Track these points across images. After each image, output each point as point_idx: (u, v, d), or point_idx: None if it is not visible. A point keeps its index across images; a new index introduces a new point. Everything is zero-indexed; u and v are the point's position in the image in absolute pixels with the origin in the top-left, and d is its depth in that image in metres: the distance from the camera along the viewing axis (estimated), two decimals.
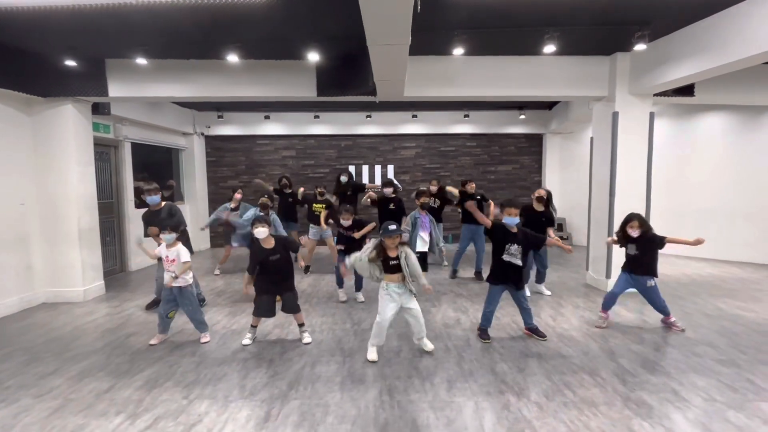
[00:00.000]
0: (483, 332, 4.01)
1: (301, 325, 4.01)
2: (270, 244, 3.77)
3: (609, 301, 4.28)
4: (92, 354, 3.77)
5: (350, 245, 5.09)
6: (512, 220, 3.82)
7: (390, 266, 3.47)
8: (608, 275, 5.59)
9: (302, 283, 6.17)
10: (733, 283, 6.02)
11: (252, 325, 3.99)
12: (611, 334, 4.13)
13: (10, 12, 3.76)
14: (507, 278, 3.89)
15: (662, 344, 3.87)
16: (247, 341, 3.92)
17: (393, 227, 3.43)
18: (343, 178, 7.25)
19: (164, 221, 4.73)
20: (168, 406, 2.89)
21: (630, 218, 4.16)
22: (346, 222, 5.03)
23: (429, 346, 3.69)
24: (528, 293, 5.24)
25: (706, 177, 7.67)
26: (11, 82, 4.80)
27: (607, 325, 4.28)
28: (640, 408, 2.81)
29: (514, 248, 3.83)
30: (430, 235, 6.02)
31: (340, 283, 5.34)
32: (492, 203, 6.41)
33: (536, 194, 5.27)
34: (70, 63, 5.03)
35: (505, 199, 3.96)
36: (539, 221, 4.98)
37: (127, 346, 3.95)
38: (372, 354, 3.54)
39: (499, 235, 3.87)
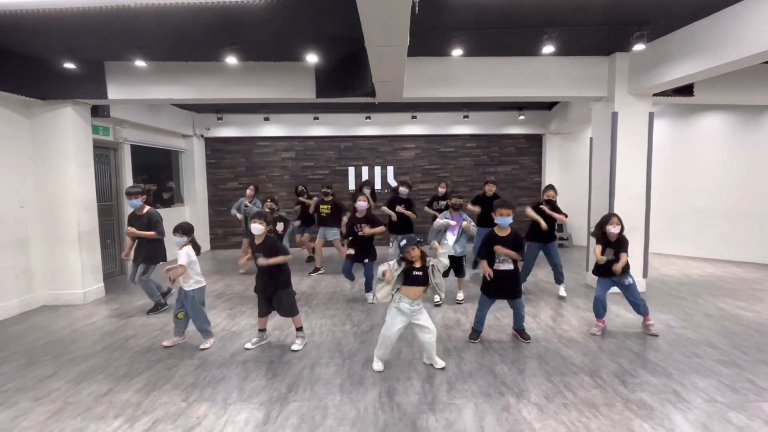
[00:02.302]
0: (473, 332, 4.00)
1: (298, 329, 3.90)
2: (259, 240, 3.71)
3: (599, 309, 4.11)
4: (91, 357, 3.76)
5: (361, 248, 5.11)
6: (505, 220, 3.77)
7: (412, 277, 3.24)
8: None
9: (302, 284, 6.16)
10: (734, 283, 6.00)
11: (259, 329, 3.93)
12: (611, 334, 4.12)
13: (8, 15, 3.75)
14: (500, 289, 3.85)
15: (662, 345, 3.85)
16: (249, 345, 3.86)
17: (404, 242, 3.26)
18: (366, 191, 7.04)
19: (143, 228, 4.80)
20: (167, 408, 2.88)
21: (610, 216, 4.01)
22: (361, 205, 5.12)
23: (439, 363, 3.41)
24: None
25: (705, 177, 7.66)
26: (10, 85, 4.79)
27: (602, 333, 4.12)
28: (640, 409, 2.80)
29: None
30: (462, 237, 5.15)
31: (350, 277, 5.32)
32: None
33: (546, 196, 5.37)
34: (70, 66, 5.05)
35: (499, 200, 3.92)
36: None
37: (126, 348, 3.94)
38: (377, 365, 3.40)
39: (491, 244, 3.81)
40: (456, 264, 4.96)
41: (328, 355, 3.71)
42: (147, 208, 4.91)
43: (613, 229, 3.94)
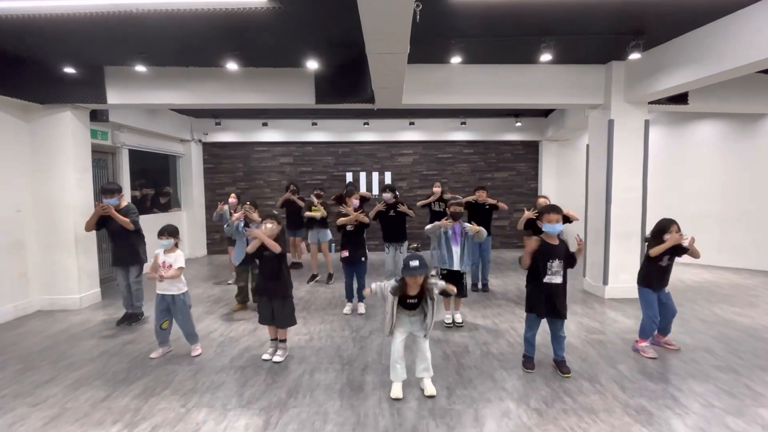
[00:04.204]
0: (525, 360, 3.55)
1: (282, 340, 3.78)
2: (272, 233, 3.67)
3: (652, 328, 3.79)
4: (89, 362, 3.74)
5: (354, 249, 4.99)
6: (554, 228, 3.30)
7: (407, 304, 3.05)
8: (605, 281, 5.62)
9: (300, 289, 6.15)
10: (729, 289, 6.06)
11: (271, 339, 3.81)
12: (609, 340, 4.14)
13: (9, 19, 3.77)
14: (548, 305, 3.35)
15: (660, 350, 3.87)
16: (266, 356, 3.74)
17: (415, 264, 2.90)
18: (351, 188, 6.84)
19: (119, 229, 4.51)
20: (166, 414, 2.86)
21: (669, 223, 3.66)
22: (354, 203, 5.09)
23: (429, 389, 3.06)
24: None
25: (700, 183, 7.74)
26: (10, 89, 4.79)
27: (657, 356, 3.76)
28: (639, 414, 2.81)
29: (556, 264, 3.30)
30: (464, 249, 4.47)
31: (349, 296, 5.13)
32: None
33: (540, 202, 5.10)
34: (69, 70, 5.05)
35: (546, 205, 3.56)
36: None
37: (123, 354, 3.91)
38: (395, 390, 3.05)
39: (541, 253, 3.34)
40: (456, 281, 4.29)
41: (327, 361, 3.70)
42: (124, 204, 4.64)
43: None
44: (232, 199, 6.65)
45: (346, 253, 5.01)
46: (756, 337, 4.19)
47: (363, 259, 5.10)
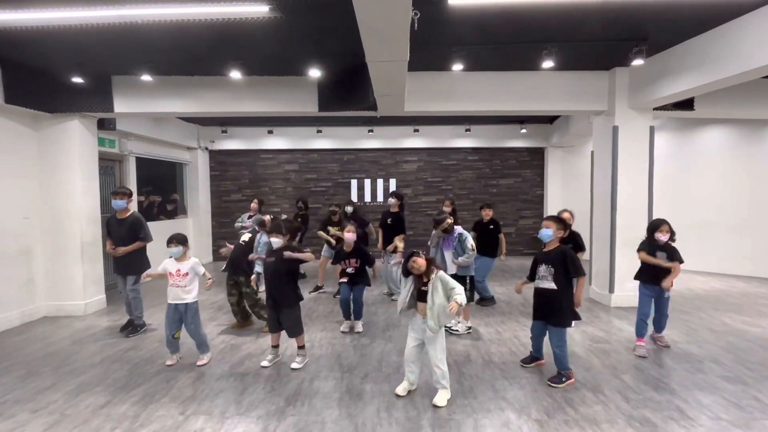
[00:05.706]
0: (528, 355, 3.75)
1: (300, 347, 3.79)
2: (277, 247, 3.69)
3: (644, 327, 3.92)
4: (90, 368, 3.75)
5: (354, 275, 4.71)
6: (543, 232, 3.43)
7: (420, 292, 3.06)
8: (611, 289, 5.54)
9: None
10: (739, 298, 5.94)
11: (272, 346, 3.84)
12: (614, 349, 4.07)
13: (19, 30, 3.85)
14: (540, 309, 3.45)
15: (666, 360, 3.80)
16: (265, 363, 3.74)
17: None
18: (349, 209, 6.36)
19: (123, 239, 4.55)
20: (164, 421, 2.86)
21: (660, 222, 3.91)
22: (349, 237, 4.62)
23: (438, 399, 3.05)
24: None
25: (708, 190, 7.64)
26: (20, 99, 4.88)
27: (647, 355, 3.89)
28: (643, 426, 2.75)
29: (543, 269, 3.37)
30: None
31: (346, 315, 4.86)
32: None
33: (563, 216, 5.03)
34: (78, 80, 5.14)
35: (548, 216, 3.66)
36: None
37: (125, 360, 3.93)
38: (399, 387, 3.22)
39: (534, 259, 3.55)
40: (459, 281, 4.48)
41: (327, 369, 3.68)
42: (130, 211, 4.69)
43: (662, 237, 3.84)
44: (254, 205, 6.75)
45: (345, 279, 4.74)
46: (766, 347, 4.10)
47: (364, 284, 4.83)
